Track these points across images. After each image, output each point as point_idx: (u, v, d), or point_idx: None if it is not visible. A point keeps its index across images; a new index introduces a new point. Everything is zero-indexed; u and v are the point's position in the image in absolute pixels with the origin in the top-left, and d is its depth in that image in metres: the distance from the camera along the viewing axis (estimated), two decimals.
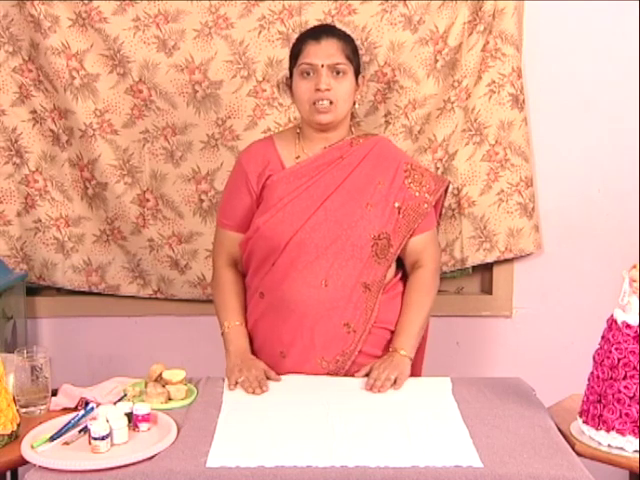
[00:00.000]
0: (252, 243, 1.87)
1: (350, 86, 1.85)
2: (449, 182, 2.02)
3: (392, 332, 1.91)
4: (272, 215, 1.83)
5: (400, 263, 1.96)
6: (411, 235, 1.90)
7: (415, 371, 1.92)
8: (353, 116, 1.97)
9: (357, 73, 1.88)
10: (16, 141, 2.46)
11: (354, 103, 1.90)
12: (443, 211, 2.08)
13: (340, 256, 1.83)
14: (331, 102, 1.81)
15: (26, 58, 2.42)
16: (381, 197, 1.87)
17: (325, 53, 1.81)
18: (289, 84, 1.91)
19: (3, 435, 1.40)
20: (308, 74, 1.82)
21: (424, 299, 1.92)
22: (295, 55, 1.86)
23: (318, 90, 1.80)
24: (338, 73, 1.82)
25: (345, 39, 1.87)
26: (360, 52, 1.94)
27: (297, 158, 1.90)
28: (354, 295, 1.84)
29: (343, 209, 1.84)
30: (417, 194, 1.90)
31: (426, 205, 1.90)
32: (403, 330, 1.88)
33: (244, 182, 1.91)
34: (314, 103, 1.82)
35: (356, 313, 1.85)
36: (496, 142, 2.44)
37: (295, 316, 1.82)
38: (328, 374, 1.83)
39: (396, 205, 1.88)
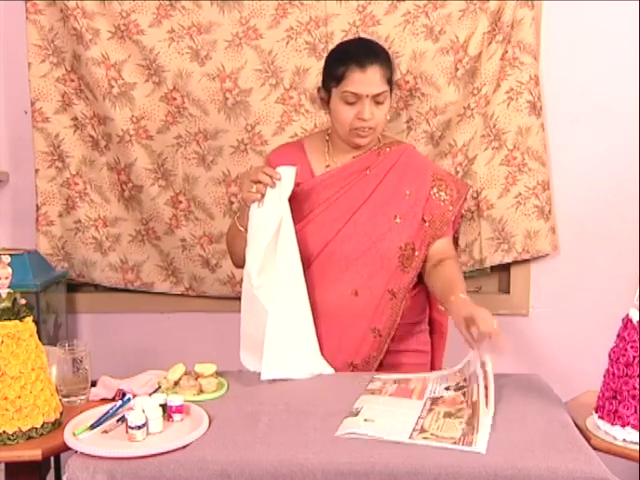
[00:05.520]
0: None
1: (388, 106, 1.84)
2: (470, 187, 2.01)
3: (414, 325, 1.93)
4: (303, 226, 1.81)
5: None
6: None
7: (435, 367, 1.97)
8: None
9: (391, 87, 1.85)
10: (58, 146, 2.54)
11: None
12: (463, 213, 2.08)
13: (369, 267, 1.82)
14: (371, 127, 1.81)
15: (69, 68, 2.50)
16: (409, 208, 1.86)
17: (370, 82, 1.77)
18: (323, 96, 1.88)
19: (47, 423, 1.44)
20: (351, 101, 1.79)
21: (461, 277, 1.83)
22: (337, 77, 1.79)
23: (361, 119, 1.79)
24: (379, 100, 1.80)
25: (386, 63, 1.82)
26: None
27: (327, 167, 1.90)
28: (382, 303, 1.84)
29: (371, 222, 1.83)
30: (442, 204, 1.90)
31: (450, 212, 1.90)
32: (455, 284, 1.75)
33: None
34: (355, 128, 1.81)
35: (382, 319, 1.85)
36: (514, 147, 2.47)
37: (324, 324, 1.81)
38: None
39: (423, 215, 1.87)
